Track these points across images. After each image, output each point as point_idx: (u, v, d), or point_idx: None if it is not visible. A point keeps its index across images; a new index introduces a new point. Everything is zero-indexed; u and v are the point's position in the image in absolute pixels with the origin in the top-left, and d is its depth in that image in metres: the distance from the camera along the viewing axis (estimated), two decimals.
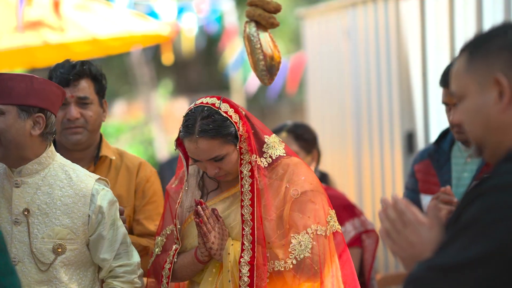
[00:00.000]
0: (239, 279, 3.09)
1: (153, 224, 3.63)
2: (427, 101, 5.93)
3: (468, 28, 5.43)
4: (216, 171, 3.17)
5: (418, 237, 2.03)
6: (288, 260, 3.10)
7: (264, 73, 3.36)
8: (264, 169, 3.18)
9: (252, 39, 3.33)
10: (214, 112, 3.14)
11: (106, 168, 3.65)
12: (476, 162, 3.85)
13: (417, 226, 2.04)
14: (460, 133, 3.78)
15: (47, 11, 6.01)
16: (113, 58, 14.38)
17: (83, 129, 3.55)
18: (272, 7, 3.35)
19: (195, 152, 3.14)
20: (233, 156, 3.16)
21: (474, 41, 2.07)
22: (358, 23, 6.62)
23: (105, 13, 6.54)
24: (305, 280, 3.12)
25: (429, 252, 1.98)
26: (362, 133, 6.57)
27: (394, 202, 2.07)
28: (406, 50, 6.09)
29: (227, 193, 3.28)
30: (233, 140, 3.14)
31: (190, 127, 3.13)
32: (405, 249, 2.04)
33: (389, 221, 2.07)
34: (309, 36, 7.55)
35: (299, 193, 3.16)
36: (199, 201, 3.15)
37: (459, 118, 2.08)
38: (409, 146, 6.08)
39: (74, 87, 3.52)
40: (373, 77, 6.43)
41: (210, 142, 3.11)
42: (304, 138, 4.36)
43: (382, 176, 6.33)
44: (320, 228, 3.14)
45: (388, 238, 2.08)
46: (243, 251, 3.11)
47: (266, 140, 3.23)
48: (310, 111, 7.56)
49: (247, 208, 3.14)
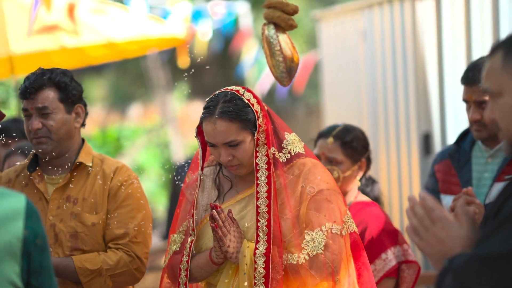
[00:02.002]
0: (254, 271, 3.09)
1: (123, 228, 3.59)
2: (444, 102, 5.91)
3: (485, 28, 5.41)
4: (230, 158, 3.16)
5: (448, 234, 2.06)
6: (301, 255, 3.09)
7: (284, 75, 3.36)
8: (282, 164, 3.19)
9: (271, 41, 3.33)
10: (237, 98, 3.18)
11: (84, 175, 3.66)
12: (497, 162, 3.84)
13: (446, 223, 2.07)
14: (480, 130, 3.77)
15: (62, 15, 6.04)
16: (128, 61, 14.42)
17: (47, 139, 3.59)
18: (291, 9, 3.36)
19: (212, 133, 3.15)
20: (249, 146, 3.17)
21: (509, 39, 2.10)
22: (374, 25, 6.61)
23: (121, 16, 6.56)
24: (322, 280, 3.10)
25: (459, 248, 2.03)
26: (379, 135, 6.56)
27: (422, 200, 2.10)
28: (422, 51, 6.08)
29: (242, 195, 3.28)
30: (251, 128, 3.16)
31: (211, 108, 3.16)
32: (434, 246, 2.07)
33: (417, 218, 2.10)
34: (325, 38, 7.54)
35: (315, 191, 3.16)
36: (214, 205, 3.14)
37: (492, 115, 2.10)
38: (425, 147, 6.07)
39: (32, 99, 3.58)
40: (389, 79, 6.41)
41: (228, 125, 3.13)
42: (352, 146, 3.95)
43: (399, 178, 6.31)
44: (336, 226, 3.13)
45: (416, 235, 2.11)
46: (258, 242, 3.10)
47: (286, 137, 3.24)
48: (326, 113, 7.55)
49: (263, 200, 3.14)
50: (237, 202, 3.27)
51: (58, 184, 3.63)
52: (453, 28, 5.75)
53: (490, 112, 2.10)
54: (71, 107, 3.64)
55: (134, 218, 3.60)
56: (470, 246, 2.04)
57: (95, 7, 6.40)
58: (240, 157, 3.17)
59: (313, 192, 3.16)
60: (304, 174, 3.19)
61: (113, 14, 6.50)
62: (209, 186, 3.34)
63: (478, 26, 5.49)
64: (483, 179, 3.85)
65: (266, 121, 3.19)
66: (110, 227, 3.59)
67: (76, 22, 6.05)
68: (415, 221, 2.11)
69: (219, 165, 3.35)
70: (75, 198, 3.60)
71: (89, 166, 3.67)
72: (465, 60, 5.53)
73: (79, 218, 3.57)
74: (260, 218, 3.13)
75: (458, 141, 4.01)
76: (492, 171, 3.84)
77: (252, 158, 3.18)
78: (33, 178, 3.64)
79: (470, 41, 5.54)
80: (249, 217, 3.21)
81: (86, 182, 3.63)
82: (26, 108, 3.59)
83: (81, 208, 3.59)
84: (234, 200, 3.28)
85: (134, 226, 3.59)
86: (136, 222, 3.60)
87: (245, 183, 3.29)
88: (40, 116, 3.58)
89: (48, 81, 3.60)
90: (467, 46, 5.56)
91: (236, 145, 3.15)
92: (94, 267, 3.51)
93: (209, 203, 3.23)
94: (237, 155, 3.17)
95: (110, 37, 6.23)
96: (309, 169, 3.20)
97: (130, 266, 3.56)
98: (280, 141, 3.23)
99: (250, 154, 3.17)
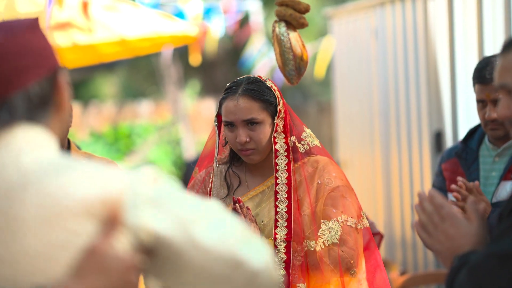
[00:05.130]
0: (275, 255, 3.08)
1: None
2: (456, 100, 5.91)
3: (497, 26, 5.41)
4: (247, 139, 3.16)
5: (458, 230, 2.05)
6: (318, 242, 3.10)
7: (293, 73, 3.37)
8: (302, 155, 3.21)
9: (282, 39, 3.34)
10: (259, 81, 3.24)
11: None
12: (504, 161, 3.83)
13: (456, 220, 2.06)
14: (497, 129, 3.76)
15: (75, 12, 6.05)
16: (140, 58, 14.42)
17: None
18: (303, 7, 3.36)
19: (233, 110, 3.17)
20: (267, 129, 3.18)
21: None
22: (386, 22, 6.61)
23: (133, 14, 6.57)
24: (340, 274, 3.10)
25: (469, 246, 2.02)
26: (391, 133, 6.56)
27: (431, 196, 2.09)
28: (434, 49, 6.08)
29: (254, 192, 3.28)
30: (272, 111, 3.19)
31: (234, 88, 3.21)
32: (443, 242, 2.06)
33: (426, 214, 2.09)
34: (337, 36, 7.55)
35: (331, 187, 3.17)
36: (237, 199, 3.13)
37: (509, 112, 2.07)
38: (437, 145, 6.07)
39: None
40: (401, 77, 6.41)
41: (251, 102, 3.17)
42: None
43: (410, 176, 6.31)
44: (351, 220, 3.15)
45: (424, 231, 2.10)
46: (277, 228, 3.11)
47: (305, 129, 3.28)
48: (338, 110, 7.56)
49: (283, 186, 3.16)
50: (249, 199, 3.26)
51: None
52: (465, 26, 5.75)
53: (506, 109, 2.08)
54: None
55: None
56: (480, 243, 2.04)
57: (108, 4, 6.42)
58: (257, 140, 3.17)
59: (330, 189, 3.17)
60: (319, 171, 3.21)
61: (125, 11, 6.52)
62: (217, 184, 3.33)
63: (490, 24, 5.49)
64: (490, 178, 3.84)
65: (285, 109, 3.23)
66: None
67: (90, 19, 6.07)
68: (424, 217, 2.09)
69: (229, 162, 3.35)
70: None
71: None
72: (477, 58, 5.52)
73: None
74: (279, 203, 3.14)
75: (466, 140, 4.01)
76: (499, 170, 3.83)
77: (268, 144, 3.18)
78: None
79: (482, 39, 5.54)
80: (265, 214, 3.21)
81: None
82: None
83: None
84: (245, 197, 3.27)
85: None
86: None
87: (256, 179, 3.29)
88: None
89: None
90: (479, 44, 5.56)
91: (256, 124, 3.17)
92: None
93: (232, 197, 3.20)
94: (254, 137, 3.17)
95: (123, 34, 6.25)
96: (323, 166, 3.22)
97: None
98: (299, 132, 3.25)
99: (267, 139, 3.18)
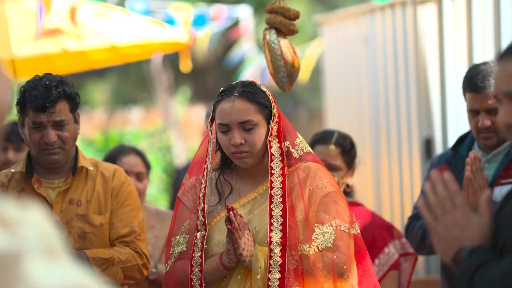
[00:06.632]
0: (270, 259, 3.07)
1: (127, 227, 3.69)
2: (445, 107, 5.92)
3: (486, 33, 5.42)
4: (242, 142, 3.15)
5: (469, 221, 2.02)
6: (311, 246, 3.10)
7: (284, 80, 3.38)
8: (296, 160, 3.21)
9: (273, 46, 3.35)
10: (254, 85, 3.25)
11: (83, 178, 3.73)
12: (494, 167, 3.85)
13: (468, 211, 2.03)
14: (490, 137, 3.77)
15: (64, 19, 6.05)
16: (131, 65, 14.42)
17: (60, 149, 3.64)
18: (292, 14, 3.37)
19: (229, 111, 3.17)
20: (262, 132, 3.18)
21: None
22: (376, 29, 6.62)
23: (123, 20, 6.57)
24: (334, 280, 3.09)
25: (478, 240, 1.99)
26: (380, 139, 6.57)
27: (446, 181, 2.05)
28: (424, 56, 6.09)
29: (245, 199, 3.26)
30: (267, 114, 3.19)
31: (229, 91, 3.21)
32: (451, 230, 2.03)
33: (438, 197, 2.05)
34: (327, 42, 7.56)
35: (323, 193, 3.17)
36: (231, 207, 3.09)
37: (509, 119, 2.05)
38: (427, 152, 6.07)
39: (50, 112, 3.60)
40: (391, 83, 6.42)
41: (247, 104, 3.17)
42: (350, 154, 4.15)
43: (400, 183, 6.32)
44: (344, 224, 3.15)
45: (429, 213, 2.06)
46: (271, 231, 3.10)
47: (298, 135, 3.28)
48: (328, 117, 7.56)
49: (278, 190, 3.15)
50: (241, 207, 3.25)
51: (60, 188, 3.69)
52: (454, 33, 5.76)
53: (507, 116, 2.05)
54: (76, 116, 3.71)
55: (136, 217, 3.72)
56: (488, 239, 2.01)
57: (98, 11, 6.42)
58: (252, 143, 3.16)
59: (322, 195, 3.17)
60: (310, 176, 3.20)
61: (116, 18, 6.52)
62: (208, 191, 3.28)
63: (479, 31, 5.50)
64: None
65: (279, 114, 3.23)
66: (114, 226, 3.68)
67: (78, 25, 6.07)
68: (434, 200, 2.05)
69: (220, 169, 3.34)
70: (78, 200, 3.67)
71: (87, 169, 3.74)
72: (466, 65, 5.53)
73: (86, 219, 3.65)
74: (274, 207, 3.13)
75: (455, 147, 4.02)
76: (489, 176, 3.84)
77: (261, 148, 3.18)
78: (32, 183, 3.68)
79: (472, 46, 5.55)
80: (257, 221, 3.20)
81: (86, 185, 3.71)
82: (40, 122, 3.60)
83: (87, 210, 3.66)
84: (237, 204, 3.25)
85: (137, 225, 3.70)
86: (139, 221, 3.72)
87: (247, 186, 3.28)
88: (55, 128, 3.62)
89: (63, 94, 3.62)
90: (469, 51, 5.57)
91: (251, 128, 3.16)
92: (107, 256, 3.58)
93: (226, 204, 3.16)
94: (249, 139, 3.16)
95: (113, 41, 6.25)
96: (314, 172, 3.22)
97: (139, 261, 3.65)
98: (293, 138, 3.25)
99: (261, 143, 3.18)
